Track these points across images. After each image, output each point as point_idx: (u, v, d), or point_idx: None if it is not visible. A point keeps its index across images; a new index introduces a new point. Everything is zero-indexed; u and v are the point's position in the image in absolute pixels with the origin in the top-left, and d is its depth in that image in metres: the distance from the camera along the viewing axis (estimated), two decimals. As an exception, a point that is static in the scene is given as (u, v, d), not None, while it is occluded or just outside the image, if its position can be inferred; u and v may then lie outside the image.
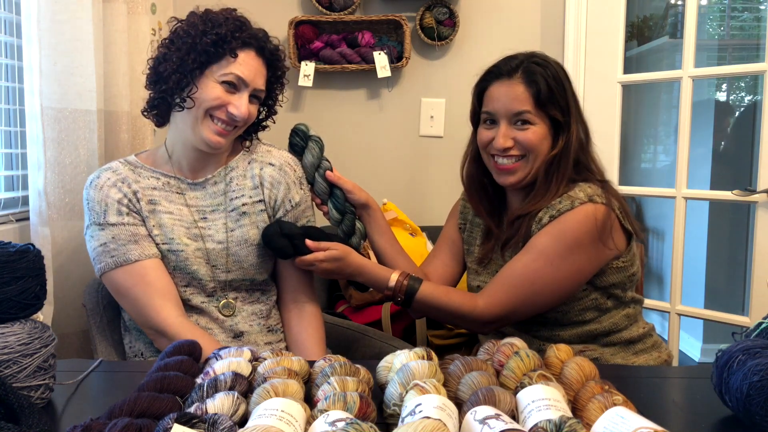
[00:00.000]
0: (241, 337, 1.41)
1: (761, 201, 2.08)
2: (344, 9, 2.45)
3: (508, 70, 1.38)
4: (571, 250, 1.30)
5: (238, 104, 1.32)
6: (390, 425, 0.86)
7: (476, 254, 1.51)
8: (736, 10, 4.07)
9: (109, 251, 1.32)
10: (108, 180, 1.36)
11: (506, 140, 1.35)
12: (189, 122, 1.34)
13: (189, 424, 0.74)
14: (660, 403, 0.99)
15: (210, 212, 1.40)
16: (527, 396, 0.84)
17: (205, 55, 1.30)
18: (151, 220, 1.36)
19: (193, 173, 1.41)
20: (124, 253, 1.32)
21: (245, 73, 1.32)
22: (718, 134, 3.67)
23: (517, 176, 1.38)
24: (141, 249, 1.33)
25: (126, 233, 1.33)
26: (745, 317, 2.19)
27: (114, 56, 1.81)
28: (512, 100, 1.35)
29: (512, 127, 1.36)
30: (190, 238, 1.37)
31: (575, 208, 1.31)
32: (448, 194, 2.41)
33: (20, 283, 0.93)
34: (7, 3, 1.73)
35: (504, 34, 2.48)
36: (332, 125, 2.53)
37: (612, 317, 1.39)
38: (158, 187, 1.38)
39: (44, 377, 0.95)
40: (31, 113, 1.56)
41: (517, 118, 1.35)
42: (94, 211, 1.34)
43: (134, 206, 1.35)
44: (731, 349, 0.92)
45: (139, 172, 1.39)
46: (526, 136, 1.35)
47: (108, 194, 1.34)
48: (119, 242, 1.32)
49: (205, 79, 1.31)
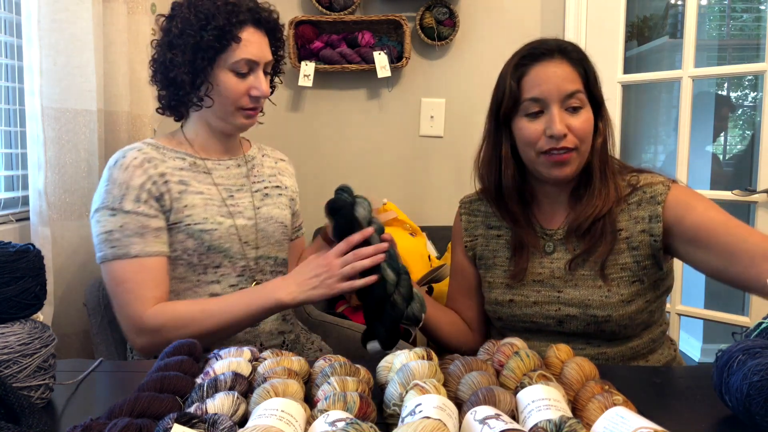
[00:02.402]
0: (257, 326, 1.40)
1: (761, 201, 2.08)
2: (344, 9, 2.45)
3: (547, 50, 1.24)
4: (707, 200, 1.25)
5: (257, 85, 1.37)
6: (390, 425, 0.86)
7: (506, 268, 1.34)
8: (736, 11, 4.07)
9: (111, 240, 1.29)
10: (134, 159, 1.33)
11: (563, 127, 1.20)
12: (218, 114, 1.38)
13: (189, 424, 0.74)
14: (660, 403, 0.99)
15: (236, 191, 1.43)
16: (527, 396, 0.84)
17: (212, 50, 1.32)
18: (182, 200, 1.34)
19: (217, 154, 1.45)
20: (126, 246, 1.29)
21: (254, 53, 1.35)
22: (719, 134, 3.68)
23: (572, 167, 1.24)
24: (144, 244, 1.30)
25: (135, 224, 1.30)
26: (745, 317, 2.19)
27: (114, 56, 1.81)
28: (563, 80, 1.21)
29: (564, 113, 1.22)
30: (223, 216, 1.38)
31: (670, 188, 1.26)
32: (448, 194, 2.41)
33: (20, 283, 0.93)
34: (7, 3, 1.73)
35: (504, 34, 2.49)
36: (332, 125, 2.53)
37: (652, 332, 1.32)
38: (185, 168, 1.38)
39: (44, 377, 0.95)
40: (31, 113, 1.56)
41: (569, 101, 1.22)
42: (111, 193, 1.31)
43: (158, 190, 1.32)
44: (731, 349, 0.92)
45: (164, 152, 1.38)
46: (580, 122, 1.22)
47: (132, 177, 1.31)
48: (125, 233, 1.29)
49: (218, 72, 1.34)
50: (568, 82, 1.22)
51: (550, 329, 1.30)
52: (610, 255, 1.26)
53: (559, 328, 1.29)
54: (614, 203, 1.26)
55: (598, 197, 1.26)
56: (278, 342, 1.44)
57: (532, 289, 1.31)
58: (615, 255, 1.26)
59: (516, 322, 1.33)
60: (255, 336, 1.40)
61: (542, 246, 1.32)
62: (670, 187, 1.27)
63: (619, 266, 1.27)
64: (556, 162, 1.23)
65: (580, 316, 1.27)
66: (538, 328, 1.31)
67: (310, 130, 2.55)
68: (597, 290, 1.26)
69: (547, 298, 1.30)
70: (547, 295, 1.30)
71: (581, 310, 1.26)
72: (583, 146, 1.24)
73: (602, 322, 1.26)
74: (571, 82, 1.22)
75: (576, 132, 1.22)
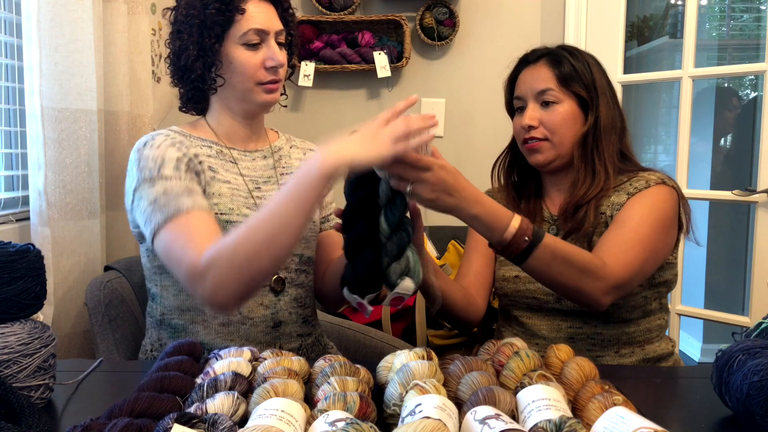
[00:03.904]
0: (279, 327, 1.34)
1: (761, 201, 2.08)
2: (344, 9, 2.45)
3: (534, 58, 1.41)
4: (662, 223, 1.28)
5: (270, 55, 1.31)
6: (390, 425, 0.86)
7: None
8: (736, 11, 4.07)
9: (159, 207, 1.20)
10: (164, 141, 1.28)
11: (532, 119, 1.36)
12: (237, 95, 1.33)
13: (189, 424, 0.74)
14: (660, 403, 0.99)
15: (263, 183, 1.38)
16: (527, 396, 0.84)
17: (218, 26, 1.28)
18: (211, 187, 1.29)
19: (242, 144, 1.40)
20: (176, 204, 1.19)
21: (261, 22, 1.30)
22: (719, 134, 3.68)
23: (545, 155, 1.37)
24: (194, 200, 1.21)
25: (180, 186, 1.22)
26: (745, 317, 2.19)
27: (114, 56, 1.81)
28: (536, 80, 1.38)
29: (539, 108, 1.37)
30: (249, 208, 1.32)
31: (651, 186, 1.31)
32: (448, 194, 2.41)
33: (20, 283, 0.93)
34: (7, 3, 1.73)
35: (504, 34, 2.49)
36: (332, 125, 2.53)
37: (649, 322, 1.37)
38: (212, 155, 1.34)
39: (44, 377, 0.95)
40: (31, 113, 1.56)
41: (542, 98, 1.37)
42: (146, 168, 1.24)
43: (195, 167, 1.27)
44: (731, 349, 0.92)
45: (191, 140, 1.34)
46: (550, 116, 1.36)
47: (166, 151, 1.25)
48: (170, 195, 1.20)
49: (229, 49, 1.30)
50: (541, 81, 1.37)
51: (549, 306, 1.36)
52: (594, 236, 1.32)
53: (558, 306, 1.35)
54: (602, 191, 1.33)
55: (582, 187, 1.35)
56: (296, 345, 1.38)
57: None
58: (598, 235, 1.32)
59: (520, 298, 1.40)
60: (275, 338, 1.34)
61: (547, 229, 1.41)
62: (650, 185, 1.31)
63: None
64: (529, 149, 1.39)
65: None
66: (539, 304, 1.37)
67: (310, 130, 2.55)
68: None
69: None
70: None
71: None
72: (555, 137, 1.36)
73: None
74: (544, 82, 1.37)
75: (545, 124, 1.36)
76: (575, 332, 1.35)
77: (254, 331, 1.32)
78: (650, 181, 1.32)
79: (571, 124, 1.36)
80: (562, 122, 1.36)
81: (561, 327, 1.36)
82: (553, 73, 1.37)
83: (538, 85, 1.37)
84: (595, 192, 1.33)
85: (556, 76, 1.37)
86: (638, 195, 1.31)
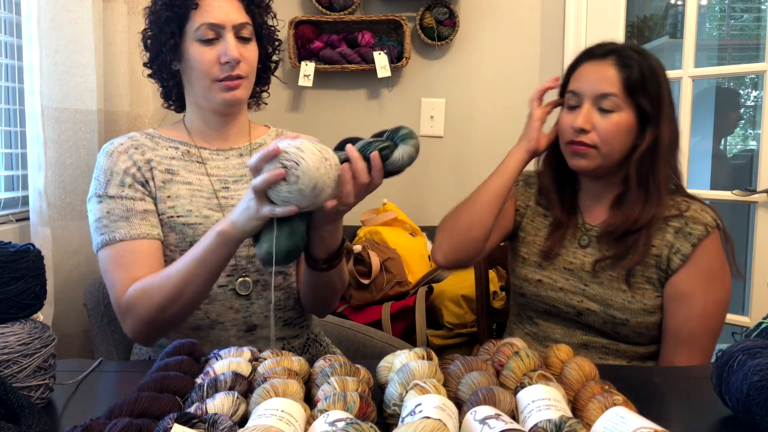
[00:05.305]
0: (254, 331, 1.33)
1: (761, 201, 2.08)
2: (344, 9, 2.45)
3: (602, 53, 1.30)
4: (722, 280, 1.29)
5: (223, 50, 1.25)
6: (390, 425, 0.86)
7: (540, 246, 1.39)
8: (736, 11, 4.07)
9: (100, 228, 1.25)
10: (121, 146, 1.29)
11: (586, 123, 1.26)
12: (199, 93, 1.30)
13: (189, 424, 0.74)
14: (660, 403, 0.99)
15: (233, 182, 1.35)
16: (527, 396, 0.84)
17: (172, 22, 1.25)
18: (166, 190, 1.29)
19: (216, 143, 1.37)
20: (112, 231, 1.24)
21: (215, 16, 1.25)
22: (719, 134, 3.68)
23: (589, 163, 1.28)
24: (129, 228, 1.24)
25: (120, 208, 1.25)
26: (745, 317, 2.18)
27: (114, 56, 1.81)
28: (600, 80, 1.27)
29: (595, 112, 1.27)
30: (211, 209, 1.30)
31: (710, 234, 1.26)
32: (448, 194, 2.41)
33: (20, 283, 0.93)
34: (7, 3, 1.73)
35: (504, 34, 2.49)
36: (332, 125, 2.53)
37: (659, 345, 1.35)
38: (177, 157, 1.33)
39: (44, 377, 0.95)
40: (31, 113, 1.56)
41: (602, 102, 1.26)
42: (98, 180, 1.27)
43: (143, 176, 1.28)
44: (731, 349, 0.92)
45: (158, 141, 1.34)
46: (606, 124, 1.26)
47: (116, 162, 1.27)
48: (111, 218, 1.25)
49: (187, 45, 1.27)
50: (605, 83, 1.26)
51: (568, 317, 1.34)
52: (638, 266, 1.28)
53: (577, 319, 1.33)
54: (653, 220, 1.28)
55: (634, 208, 1.28)
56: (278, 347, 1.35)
57: (561, 275, 1.35)
58: (642, 267, 1.29)
59: (538, 302, 1.37)
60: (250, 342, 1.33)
61: (579, 237, 1.36)
62: (710, 233, 1.27)
63: (645, 278, 1.30)
64: (574, 152, 1.29)
65: (600, 313, 1.31)
66: (558, 313, 1.35)
67: (310, 130, 2.54)
68: (621, 293, 1.30)
69: (573, 287, 1.34)
70: (574, 285, 1.34)
71: (602, 308, 1.30)
72: (605, 147, 1.27)
73: (619, 324, 1.30)
74: (609, 84, 1.26)
75: (599, 131, 1.26)
76: (590, 341, 1.34)
77: (225, 335, 1.31)
78: (708, 227, 1.27)
79: (624, 137, 1.27)
80: (616, 133, 1.26)
81: (576, 334, 1.35)
82: (620, 77, 1.26)
83: (602, 87, 1.26)
84: (647, 217, 1.27)
85: (622, 81, 1.26)
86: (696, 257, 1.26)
